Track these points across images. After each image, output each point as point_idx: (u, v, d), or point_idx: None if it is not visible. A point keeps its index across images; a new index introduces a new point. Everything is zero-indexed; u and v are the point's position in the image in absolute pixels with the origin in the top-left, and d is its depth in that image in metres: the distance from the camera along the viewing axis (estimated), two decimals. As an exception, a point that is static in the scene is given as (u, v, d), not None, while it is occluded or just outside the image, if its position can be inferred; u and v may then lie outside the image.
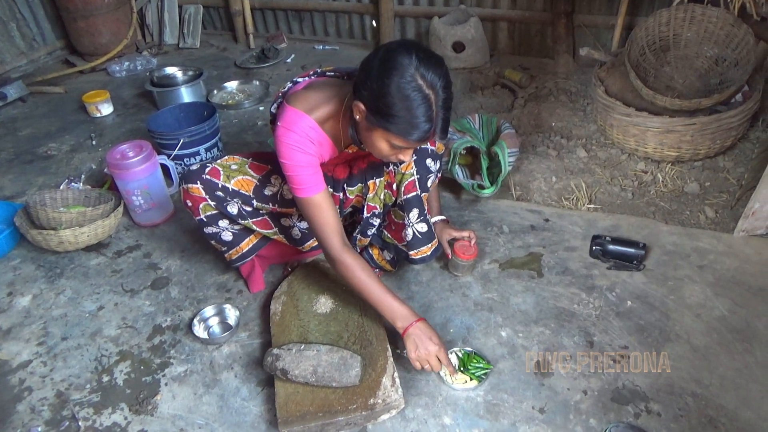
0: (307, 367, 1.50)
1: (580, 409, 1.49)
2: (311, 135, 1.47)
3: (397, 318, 1.52)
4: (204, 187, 1.67)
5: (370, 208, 1.76)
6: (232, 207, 1.72)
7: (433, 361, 1.49)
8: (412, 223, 1.72)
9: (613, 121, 2.42)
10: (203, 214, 1.72)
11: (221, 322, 1.86)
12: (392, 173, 1.69)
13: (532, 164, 2.43)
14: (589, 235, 2.03)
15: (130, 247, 2.25)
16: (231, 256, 1.85)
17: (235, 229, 1.80)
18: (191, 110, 2.75)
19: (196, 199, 1.68)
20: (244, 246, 1.84)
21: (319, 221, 1.52)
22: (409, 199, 1.69)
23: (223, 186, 1.68)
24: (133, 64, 3.98)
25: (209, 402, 1.60)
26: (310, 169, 1.48)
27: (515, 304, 1.82)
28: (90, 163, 2.81)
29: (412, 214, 1.71)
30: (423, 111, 1.28)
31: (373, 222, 1.80)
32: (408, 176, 1.68)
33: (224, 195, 1.69)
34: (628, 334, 1.68)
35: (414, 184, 1.68)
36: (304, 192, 1.50)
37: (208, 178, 1.68)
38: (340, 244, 1.54)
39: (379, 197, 1.74)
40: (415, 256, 1.77)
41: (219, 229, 1.77)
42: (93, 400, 1.63)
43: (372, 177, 1.71)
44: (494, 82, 3.27)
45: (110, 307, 1.96)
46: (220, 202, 1.70)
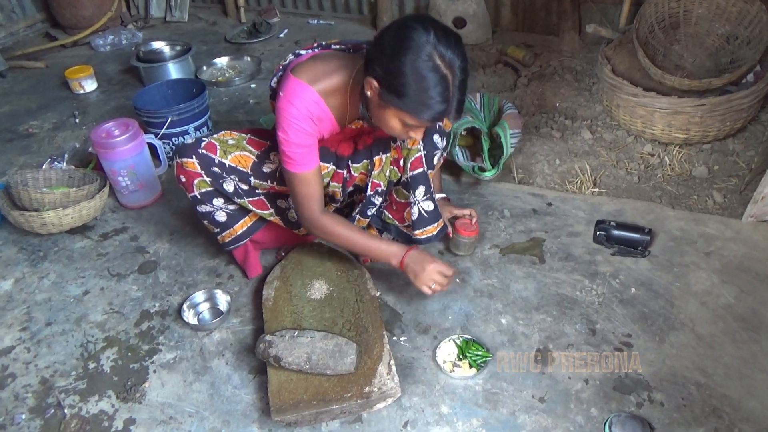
0: (301, 354, 1.51)
1: (581, 398, 1.50)
2: (313, 110, 1.46)
3: (390, 256, 1.63)
4: (200, 162, 1.66)
5: (374, 186, 1.75)
6: (228, 184, 1.71)
7: (438, 278, 1.57)
8: (417, 201, 1.72)
9: (620, 101, 2.41)
10: (197, 190, 1.71)
11: (212, 307, 1.87)
12: (399, 148, 1.69)
13: (534, 146, 2.43)
14: (592, 220, 2.04)
15: (117, 229, 2.24)
16: (224, 238, 1.85)
17: (230, 209, 1.79)
18: (179, 87, 2.72)
19: (190, 174, 1.67)
20: (238, 228, 1.83)
21: (303, 193, 1.58)
22: (415, 176, 1.69)
23: (219, 162, 1.67)
24: (117, 38, 3.93)
25: (199, 390, 1.60)
26: (306, 148, 1.50)
27: (516, 290, 1.83)
28: (73, 142, 2.79)
29: (419, 192, 1.71)
30: (439, 91, 1.28)
31: (374, 201, 1.79)
32: (414, 152, 1.68)
33: (220, 171, 1.68)
34: (631, 321, 1.69)
35: (421, 160, 1.68)
36: (295, 167, 1.53)
37: (204, 153, 1.66)
38: (319, 210, 1.62)
39: (384, 174, 1.74)
40: (420, 236, 1.77)
41: (213, 208, 1.76)
42: (79, 387, 1.64)
43: (378, 153, 1.71)
44: (496, 59, 3.25)
45: (96, 291, 1.96)
46: (215, 178, 1.69)
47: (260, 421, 1.51)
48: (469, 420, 1.47)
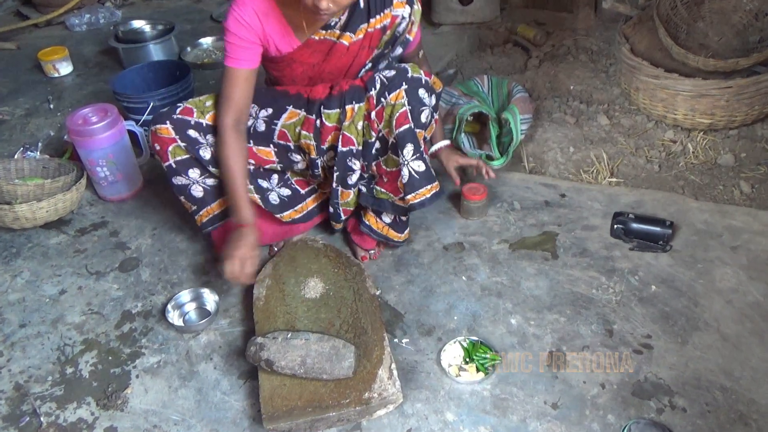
0: (295, 358, 1.51)
1: (597, 404, 1.51)
2: (260, 6, 1.60)
3: (235, 213, 1.70)
4: (174, 127, 1.73)
5: (347, 140, 1.73)
6: (205, 151, 1.75)
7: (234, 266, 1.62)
8: (407, 161, 1.70)
9: (639, 83, 2.40)
10: (173, 158, 1.76)
11: (198, 308, 1.87)
12: (372, 98, 1.68)
13: (547, 132, 2.43)
14: (610, 212, 2.04)
15: (95, 224, 2.24)
16: (201, 218, 1.87)
17: (207, 183, 1.81)
18: (162, 70, 2.71)
19: (164, 141, 1.73)
20: (216, 207, 1.85)
21: (226, 94, 1.67)
22: (401, 134, 1.67)
23: (196, 122, 1.74)
24: (94, 17, 3.92)
25: (186, 396, 1.61)
26: (241, 40, 1.62)
27: (527, 288, 1.83)
28: (48, 130, 2.79)
29: (407, 151, 1.69)
30: None
31: (351, 165, 1.77)
32: (399, 107, 1.66)
33: (197, 134, 1.74)
34: (651, 322, 1.70)
35: (406, 115, 1.66)
36: (230, 61, 1.65)
37: (180, 117, 1.73)
38: (232, 121, 1.68)
39: (356, 126, 1.72)
40: (413, 200, 1.75)
41: (189, 181, 1.80)
42: (56, 393, 1.64)
43: (351, 101, 1.70)
44: (505, 39, 3.24)
45: (73, 291, 1.96)
46: (192, 143, 1.74)
47: (251, 429, 1.51)
48: (477, 428, 1.48)
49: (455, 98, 2.39)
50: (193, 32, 3.69)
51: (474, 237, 2.03)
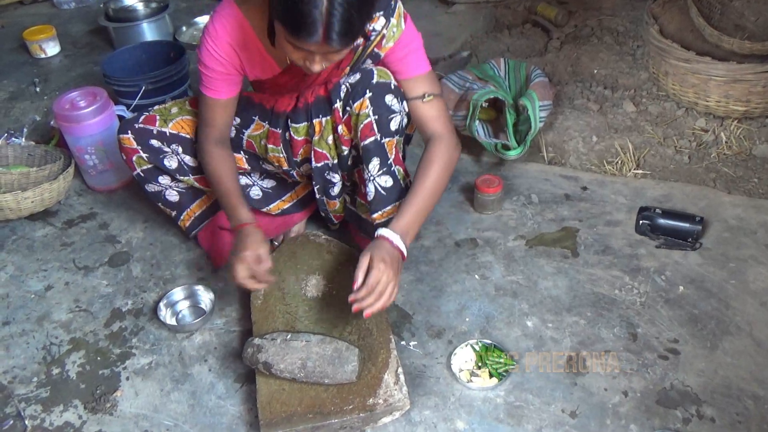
0: (295, 361, 1.51)
1: (618, 413, 1.50)
2: (233, 34, 1.54)
3: (232, 216, 1.65)
4: (135, 137, 1.76)
5: (319, 156, 1.72)
6: (170, 160, 1.78)
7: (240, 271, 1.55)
8: (372, 177, 1.68)
9: (669, 67, 2.39)
10: (138, 167, 1.81)
11: (192, 306, 1.88)
12: (338, 111, 1.65)
13: (568, 120, 2.42)
14: (635, 206, 2.03)
15: (83, 215, 2.25)
16: (184, 222, 1.91)
17: (180, 186, 1.84)
18: (155, 51, 2.72)
19: (128, 151, 1.78)
20: (195, 208, 1.87)
21: (205, 118, 1.68)
22: (366, 147, 1.64)
23: (158, 131, 1.75)
24: (84, -6, 3.93)
25: (178, 400, 1.62)
26: (218, 74, 1.60)
27: (544, 288, 1.83)
28: (33, 114, 2.80)
29: (372, 165, 1.66)
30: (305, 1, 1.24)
31: (330, 177, 1.77)
32: (363, 117, 1.62)
33: (160, 143, 1.76)
34: (678, 325, 1.69)
35: (371, 126, 1.62)
36: (207, 90, 1.64)
37: (142, 127, 1.76)
38: (214, 139, 1.69)
39: (326, 141, 1.70)
40: (379, 219, 1.71)
41: (161, 187, 1.84)
42: (41, 395, 1.66)
43: (318, 114, 1.68)
44: (524, 19, 3.22)
45: (60, 286, 1.97)
46: (154, 153, 1.77)
47: (248, 436, 1.52)
48: (489, 437, 1.48)
49: (469, 83, 2.38)
50: (188, 10, 3.69)
51: (488, 232, 2.03)
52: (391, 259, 1.49)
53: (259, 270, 1.56)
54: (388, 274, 1.47)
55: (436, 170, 1.60)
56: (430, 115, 1.64)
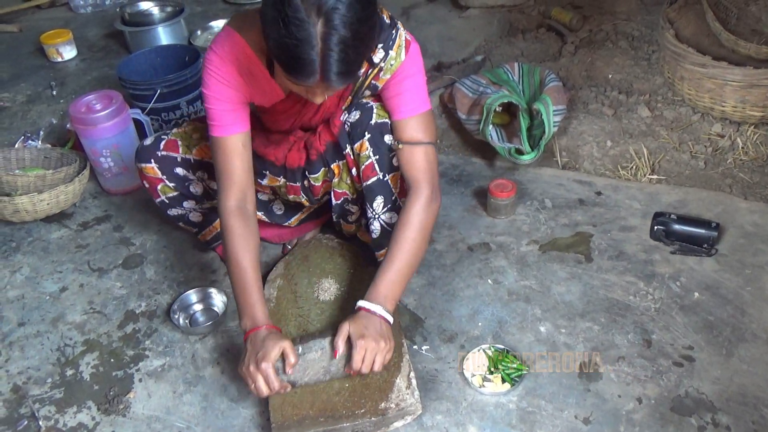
0: (318, 371, 1.50)
1: (632, 419, 1.49)
2: (240, 60, 1.45)
3: (246, 316, 1.49)
4: (159, 167, 1.72)
5: (339, 195, 1.76)
6: (196, 186, 1.75)
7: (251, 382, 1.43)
8: (377, 215, 1.69)
9: (684, 72, 2.38)
10: (163, 195, 1.77)
11: (205, 308, 1.89)
12: (349, 156, 1.65)
13: (582, 125, 2.41)
14: (650, 212, 2.02)
15: (98, 218, 2.27)
16: (205, 236, 1.90)
17: (204, 208, 1.83)
18: (170, 54, 2.74)
19: (151, 180, 1.74)
20: (218, 225, 1.85)
21: (222, 168, 1.53)
22: (369, 187, 1.65)
23: (183, 159, 1.72)
24: (100, -2, 3.97)
25: (191, 402, 1.63)
26: (228, 104, 1.49)
27: (558, 293, 1.82)
28: (50, 117, 2.83)
29: (376, 204, 1.67)
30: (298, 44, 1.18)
31: (349, 209, 1.81)
32: (364, 159, 1.63)
33: (185, 172, 1.73)
34: (693, 332, 1.68)
35: (372, 167, 1.63)
36: (216, 130, 1.51)
37: (165, 154, 1.71)
38: (235, 202, 1.53)
39: (345, 182, 1.73)
40: (382, 257, 1.68)
41: (185, 211, 1.82)
42: (55, 396, 1.67)
43: (334, 159, 1.69)
44: (538, 23, 3.21)
45: (75, 288, 1.99)
46: (180, 182, 1.74)
47: (260, 439, 1.53)
48: (501, 443, 1.48)
49: (483, 87, 2.38)
50: (203, 15, 3.72)
51: (501, 237, 2.02)
52: (373, 330, 1.46)
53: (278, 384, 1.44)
54: (371, 347, 1.44)
55: (413, 233, 1.54)
56: (413, 160, 1.57)
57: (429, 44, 3.07)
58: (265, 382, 1.41)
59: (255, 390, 1.43)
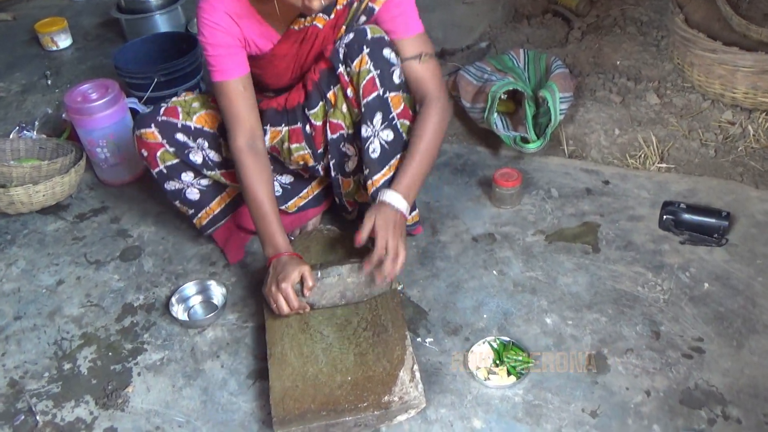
0: (334, 294, 1.66)
1: (641, 412, 1.49)
2: (228, 6, 1.57)
3: (268, 244, 1.66)
4: (160, 131, 1.73)
5: (335, 127, 1.74)
6: (195, 155, 1.77)
7: (280, 303, 1.58)
8: (377, 132, 1.68)
9: (694, 58, 2.36)
10: (162, 164, 1.78)
11: (204, 301, 1.89)
12: (342, 75, 1.66)
13: (589, 113, 2.40)
14: (659, 201, 2.01)
15: (95, 209, 2.27)
16: (201, 220, 1.89)
17: (202, 184, 1.83)
18: (167, 42, 2.73)
19: (151, 146, 1.75)
20: (215, 206, 1.86)
21: (228, 111, 1.65)
22: (368, 103, 1.65)
23: (183, 125, 1.74)
24: (95, -15, 3.96)
25: (190, 396, 1.63)
26: (224, 48, 1.60)
27: (564, 284, 1.82)
28: (45, 107, 2.83)
29: (376, 121, 1.67)
30: None
31: (345, 150, 1.78)
32: (365, 74, 1.63)
33: (186, 138, 1.75)
34: (703, 323, 1.68)
35: (373, 82, 1.64)
36: (217, 75, 1.62)
37: (165, 119, 1.73)
38: (245, 142, 1.66)
39: (341, 110, 1.72)
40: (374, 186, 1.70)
41: (182, 185, 1.82)
42: (52, 390, 1.68)
43: (329, 87, 1.70)
44: (544, 9, 3.20)
45: (71, 281, 1.99)
46: (180, 148, 1.75)
47: (261, 433, 1.53)
48: (507, 436, 1.48)
49: (488, 74, 2.37)
50: (201, 2, 3.70)
51: (506, 227, 2.02)
52: (394, 223, 1.60)
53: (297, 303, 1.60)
54: (394, 237, 1.59)
55: (429, 133, 1.66)
56: (424, 76, 1.68)
57: (432, 31, 3.05)
58: (286, 300, 1.58)
59: (276, 309, 1.60)
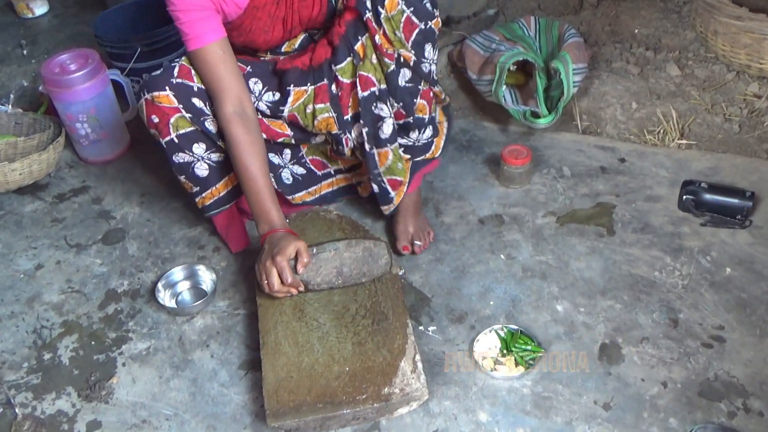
0: (330, 271, 1.62)
1: (657, 405, 1.50)
2: None
3: (262, 221, 1.64)
4: (176, 94, 1.68)
5: (365, 82, 1.71)
6: (211, 123, 1.72)
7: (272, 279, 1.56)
8: (432, 60, 1.73)
9: (718, 26, 2.35)
10: (175, 132, 1.71)
11: (193, 287, 1.90)
12: (370, 21, 1.65)
13: (605, 85, 2.39)
14: (678, 180, 2.01)
15: (75, 189, 2.27)
16: (204, 200, 1.85)
17: (213, 159, 1.78)
18: (151, 9, 2.70)
19: (165, 112, 1.68)
20: (221, 187, 1.84)
21: (210, 79, 1.64)
22: (415, 41, 1.67)
23: (199, 88, 1.69)
24: (73, -53, 3.92)
25: (179, 387, 1.64)
26: (196, 13, 1.58)
27: (576, 269, 1.82)
28: (21, 80, 2.82)
29: (427, 52, 1.70)
30: None
31: (379, 112, 1.75)
32: (399, 16, 1.63)
33: (201, 104, 1.70)
34: (725, 310, 1.68)
35: (410, 21, 1.64)
36: (192, 43, 1.60)
37: (180, 82, 1.68)
38: (233, 110, 1.63)
39: (370, 61, 1.70)
40: None
41: (192, 158, 1.76)
42: (32, 382, 1.69)
43: (357, 38, 1.68)
44: (557, -28, 3.17)
45: (51, 265, 2.00)
46: (197, 114, 1.70)
47: (253, 426, 1.54)
48: (515, 430, 1.48)
49: (496, 44, 2.35)
50: (187, -35, 3.67)
51: (515, 208, 2.02)
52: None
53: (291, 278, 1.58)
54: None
55: None
56: None
57: (436, -4, 3.04)
58: (279, 275, 1.55)
59: (267, 285, 1.57)
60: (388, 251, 1.68)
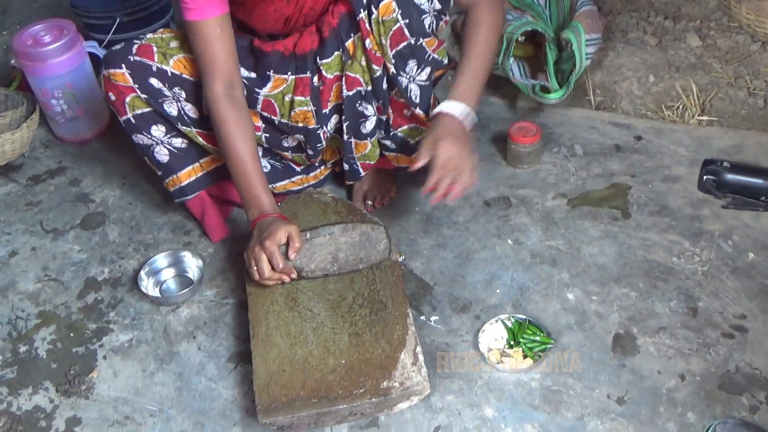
0: (325, 256, 1.63)
1: (674, 399, 1.51)
2: None
3: (252, 206, 1.65)
4: (131, 73, 1.69)
5: (352, 82, 1.73)
6: (170, 106, 1.74)
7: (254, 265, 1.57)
8: (412, 78, 1.72)
9: (743, -7, 2.34)
10: (131, 111, 1.74)
11: (178, 275, 1.90)
12: (363, 22, 1.65)
13: (620, 57, 2.38)
14: (698, 159, 2.01)
15: (51, 170, 2.27)
16: (168, 186, 1.88)
17: (174, 145, 1.80)
18: (131, -24, 2.70)
19: (120, 90, 1.71)
20: (183, 177, 1.84)
21: (203, 54, 1.63)
22: (399, 52, 1.67)
23: (159, 68, 1.71)
24: None
25: (163, 382, 1.64)
26: None
27: (589, 255, 1.82)
28: (-9, 53, 2.81)
29: (409, 68, 1.70)
30: None
31: (363, 110, 1.78)
32: (390, 23, 1.64)
33: (161, 84, 1.72)
34: (747, 298, 1.68)
35: (402, 32, 1.65)
36: (192, 14, 1.59)
37: (138, 60, 1.69)
38: (222, 89, 1.64)
39: (359, 63, 1.72)
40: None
41: (151, 141, 1.79)
42: (7, 376, 1.69)
43: (349, 34, 1.69)
44: (569, -65, 3.15)
45: (26, 252, 2.00)
46: (154, 95, 1.72)
47: (243, 423, 1.55)
48: (522, 426, 1.49)
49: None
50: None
51: (523, 190, 2.02)
52: (460, 133, 1.62)
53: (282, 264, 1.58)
54: (460, 150, 1.60)
55: (484, 31, 1.70)
56: None
57: (439, -38, 3.02)
58: (269, 262, 1.56)
59: (257, 272, 1.57)
60: (387, 236, 1.69)
